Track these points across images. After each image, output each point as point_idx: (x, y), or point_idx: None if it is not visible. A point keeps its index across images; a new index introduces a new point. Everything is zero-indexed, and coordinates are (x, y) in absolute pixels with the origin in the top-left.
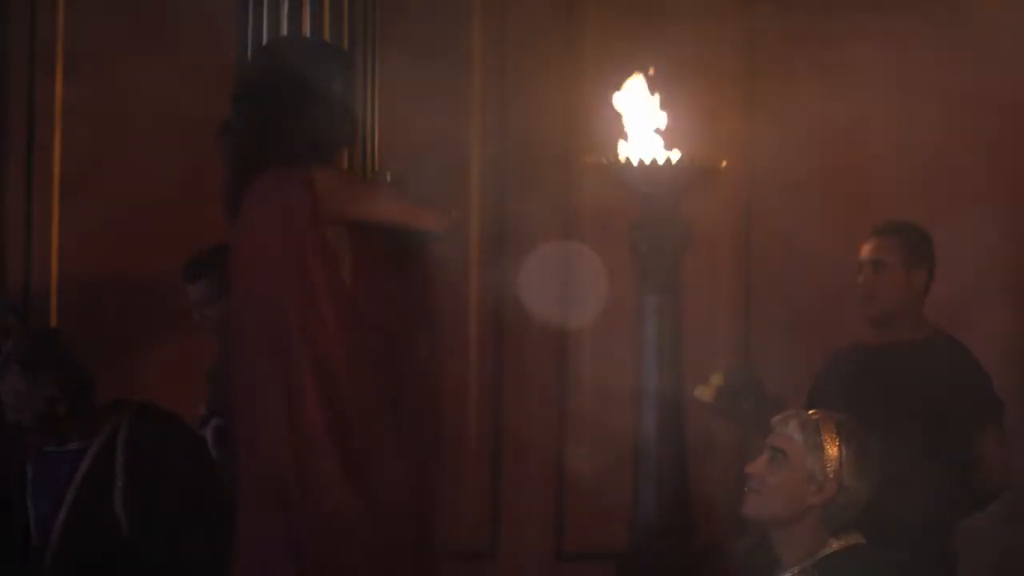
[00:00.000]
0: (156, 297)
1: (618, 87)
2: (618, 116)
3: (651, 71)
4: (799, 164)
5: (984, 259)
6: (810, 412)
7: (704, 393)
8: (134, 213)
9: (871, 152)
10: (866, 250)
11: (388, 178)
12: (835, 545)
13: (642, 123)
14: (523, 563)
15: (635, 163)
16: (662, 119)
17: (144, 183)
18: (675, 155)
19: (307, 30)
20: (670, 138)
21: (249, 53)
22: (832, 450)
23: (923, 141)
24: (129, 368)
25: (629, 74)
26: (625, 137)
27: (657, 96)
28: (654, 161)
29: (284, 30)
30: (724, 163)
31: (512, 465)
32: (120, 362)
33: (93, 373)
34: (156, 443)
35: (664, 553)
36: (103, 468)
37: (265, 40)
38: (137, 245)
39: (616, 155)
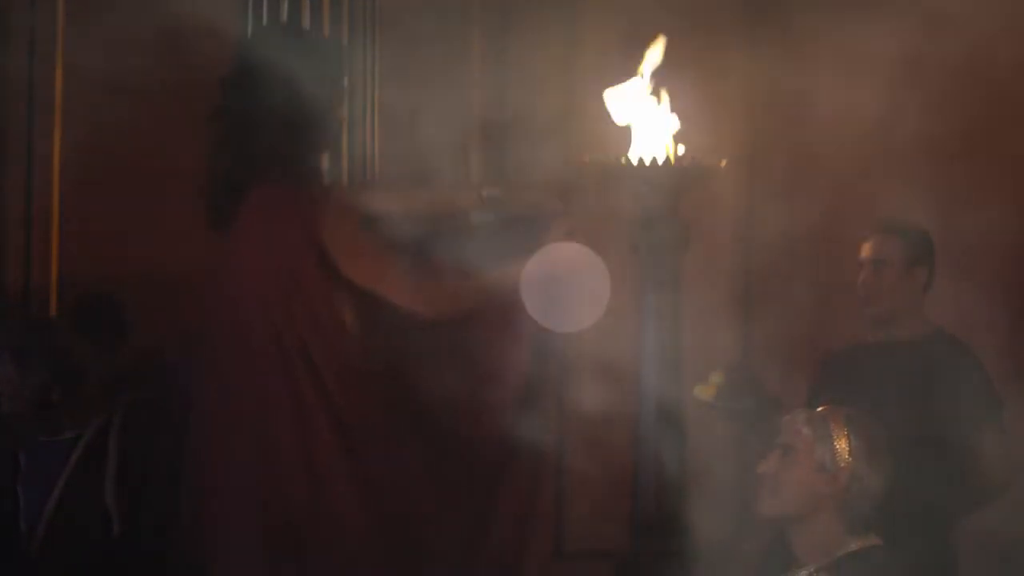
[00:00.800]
0: (155, 296)
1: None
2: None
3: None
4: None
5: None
6: (819, 408)
7: (704, 392)
8: (134, 212)
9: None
10: (867, 249)
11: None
12: (853, 545)
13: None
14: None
15: (635, 163)
16: (673, 122)
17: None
18: (675, 154)
19: (306, 19)
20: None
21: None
22: (841, 441)
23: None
24: None
25: (627, 74)
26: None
27: (665, 99)
28: (654, 161)
29: (284, 15)
30: (724, 163)
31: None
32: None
33: (86, 362)
34: (149, 433)
35: (664, 553)
36: (95, 456)
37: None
38: (137, 244)
39: (616, 154)
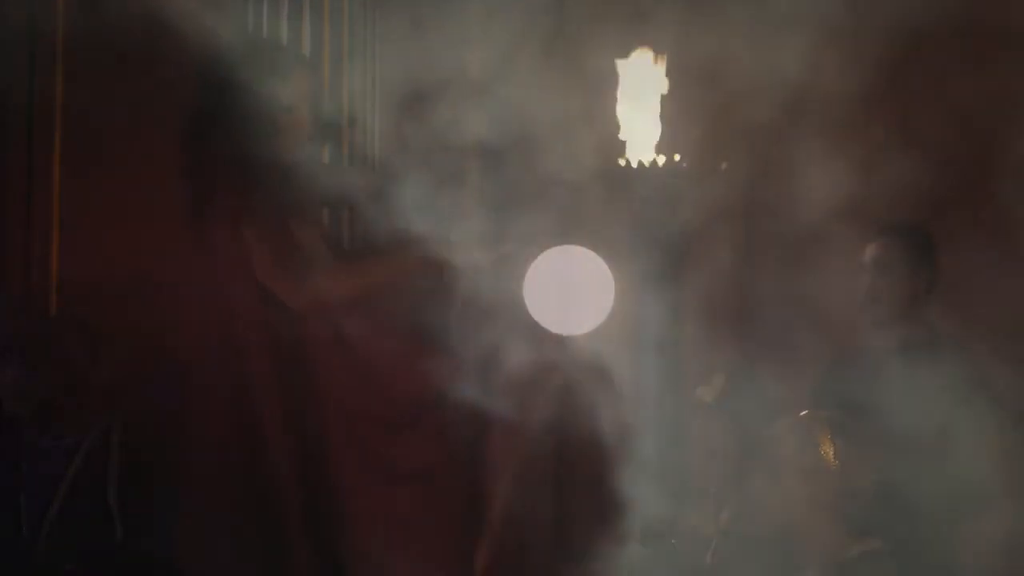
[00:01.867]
0: (156, 297)
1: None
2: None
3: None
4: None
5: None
6: (800, 413)
7: (705, 394)
8: (135, 212)
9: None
10: (869, 252)
11: None
12: (855, 549)
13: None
14: None
15: (635, 165)
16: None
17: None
18: (675, 157)
19: (305, 24)
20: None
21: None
22: (826, 445)
23: None
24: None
25: (627, 76)
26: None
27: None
28: (654, 163)
29: (284, 14)
30: (724, 164)
31: None
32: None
33: (90, 365)
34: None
35: (664, 553)
36: (98, 459)
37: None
38: (137, 244)
39: (616, 156)
